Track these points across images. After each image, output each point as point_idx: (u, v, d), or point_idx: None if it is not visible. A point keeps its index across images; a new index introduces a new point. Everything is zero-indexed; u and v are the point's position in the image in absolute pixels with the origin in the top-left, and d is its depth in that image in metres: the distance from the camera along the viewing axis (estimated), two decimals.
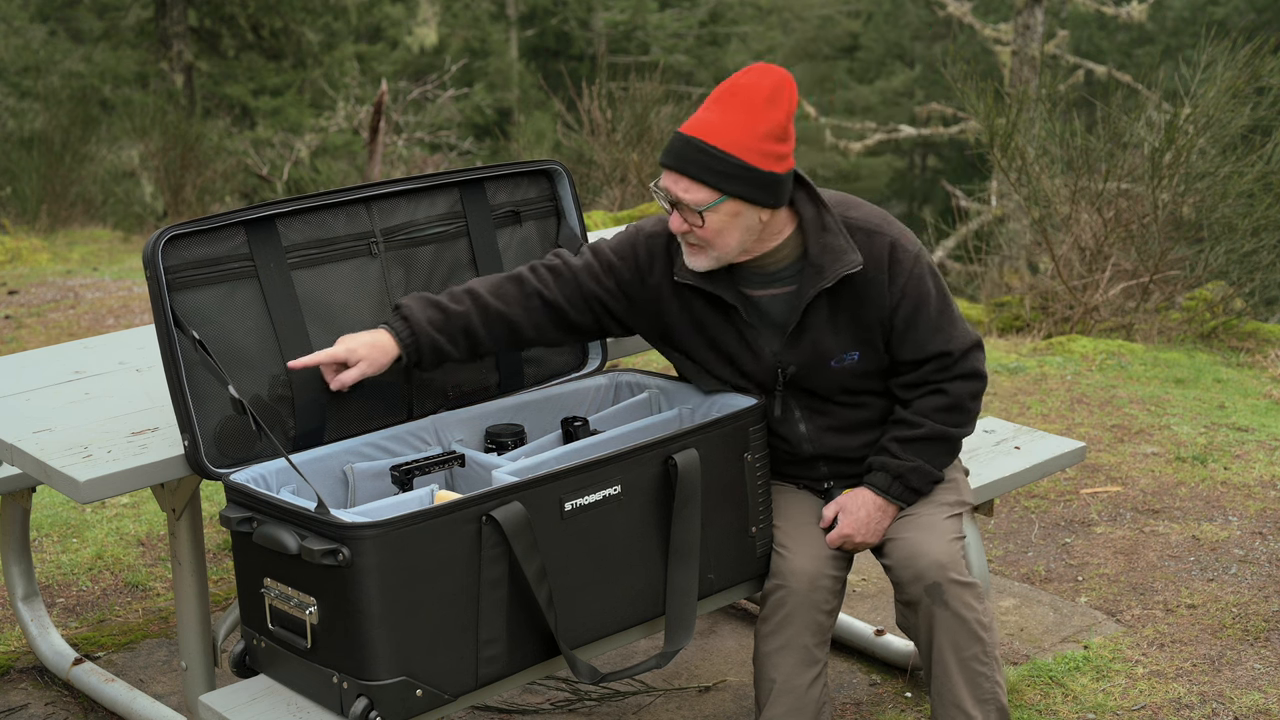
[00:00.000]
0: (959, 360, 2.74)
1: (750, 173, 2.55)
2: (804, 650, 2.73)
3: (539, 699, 3.29)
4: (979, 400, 2.80)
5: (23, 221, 11.50)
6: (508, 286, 2.75)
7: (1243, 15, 21.96)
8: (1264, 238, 6.86)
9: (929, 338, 2.71)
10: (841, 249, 2.65)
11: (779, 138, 2.56)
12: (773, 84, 2.56)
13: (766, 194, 2.58)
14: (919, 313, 2.70)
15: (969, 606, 2.69)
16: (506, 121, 22.14)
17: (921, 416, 2.75)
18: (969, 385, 2.76)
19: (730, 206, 2.58)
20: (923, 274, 2.70)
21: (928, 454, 2.77)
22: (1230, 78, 6.84)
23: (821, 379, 2.75)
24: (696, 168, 2.56)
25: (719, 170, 2.55)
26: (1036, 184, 7.26)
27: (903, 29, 27.69)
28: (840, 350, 2.73)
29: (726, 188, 2.55)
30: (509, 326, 2.75)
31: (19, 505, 3.41)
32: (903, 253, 2.69)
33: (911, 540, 2.74)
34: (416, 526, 2.29)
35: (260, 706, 2.43)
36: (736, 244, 2.63)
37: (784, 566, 2.75)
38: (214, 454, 2.57)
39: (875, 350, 2.74)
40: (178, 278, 2.55)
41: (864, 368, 2.75)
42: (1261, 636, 3.53)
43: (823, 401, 2.79)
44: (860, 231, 2.69)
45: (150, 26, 18.37)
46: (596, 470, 2.50)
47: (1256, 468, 4.64)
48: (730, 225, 2.60)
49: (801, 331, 2.72)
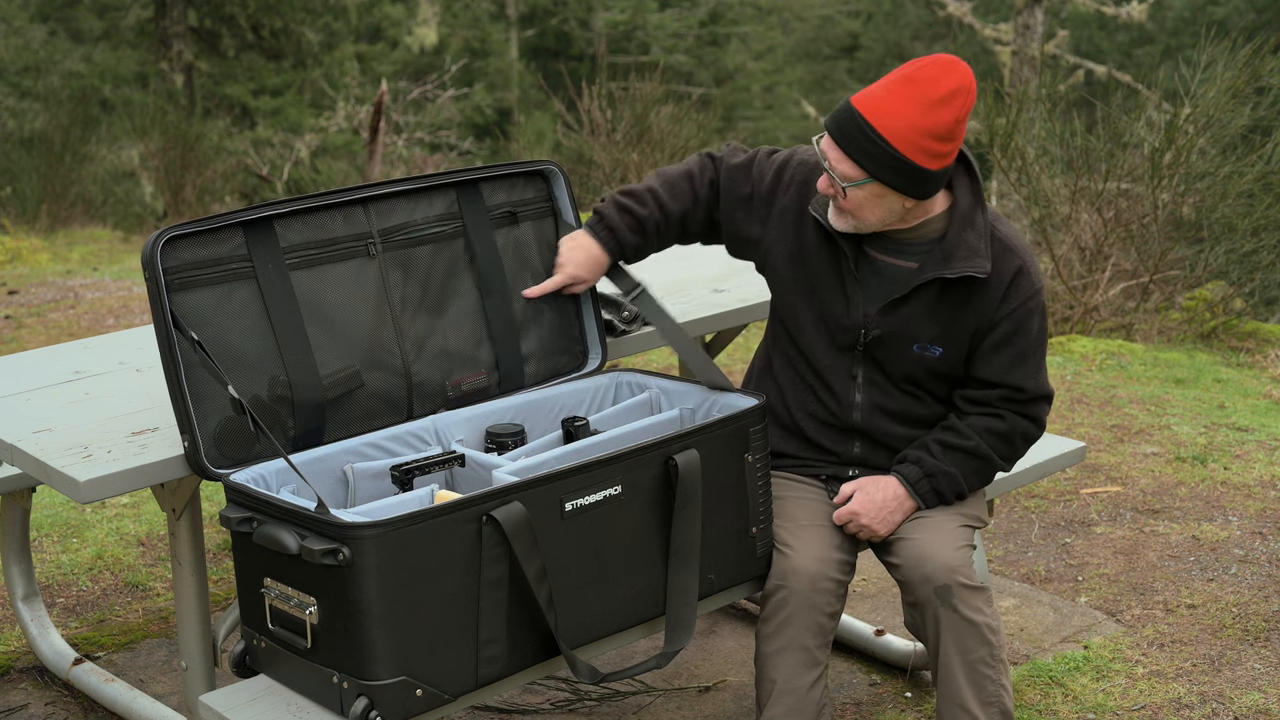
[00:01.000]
0: (1029, 401, 2.77)
1: (903, 164, 2.57)
2: (805, 651, 2.72)
3: (539, 699, 3.29)
4: (1029, 444, 2.82)
5: (23, 221, 11.50)
6: (682, 184, 2.92)
7: (1243, 15, 21.96)
8: (1264, 238, 6.86)
9: (1011, 367, 2.74)
10: (977, 249, 2.69)
11: (943, 137, 2.57)
12: (952, 86, 2.56)
13: (915, 186, 2.60)
14: (1012, 340, 2.73)
15: (978, 610, 2.70)
16: (506, 121, 22.15)
17: (974, 431, 2.78)
18: (1026, 425, 2.79)
19: (875, 188, 2.61)
20: (1034, 309, 2.74)
21: (965, 467, 2.79)
22: (1230, 78, 6.84)
23: (898, 357, 2.77)
24: (851, 144, 2.58)
25: (872, 154, 2.57)
26: (1036, 184, 7.26)
27: (903, 29, 27.69)
28: (928, 338, 2.75)
29: (875, 171, 2.58)
30: (682, 223, 2.94)
31: (19, 505, 3.41)
32: (1026, 280, 2.72)
33: (921, 541, 2.74)
34: (416, 526, 2.29)
35: (260, 706, 2.43)
36: (877, 220, 2.67)
37: (785, 566, 2.74)
38: (214, 454, 2.57)
39: (959, 355, 2.76)
40: (176, 278, 2.55)
41: (940, 367, 2.77)
42: (1261, 636, 3.53)
43: (886, 380, 2.81)
44: (998, 243, 2.72)
45: (150, 26, 18.37)
46: (597, 470, 2.50)
47: (1256, 468, 4.64)
48: (872, 203, 2.63)
49: (902, 304, 2.74)
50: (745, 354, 5.86)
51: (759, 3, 26.98)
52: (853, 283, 2.76)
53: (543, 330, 3.02)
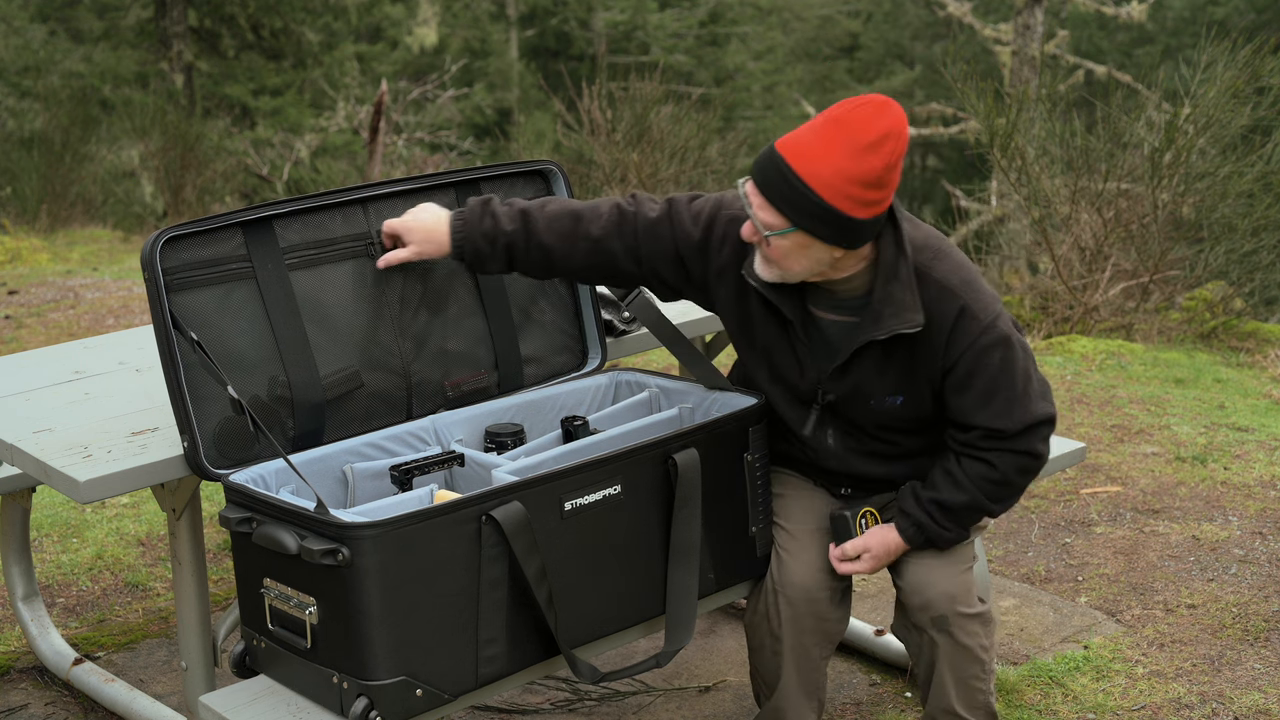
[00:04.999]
0: (1014, 438, 2.60)
1: (829, 213, 2.42)
2: (808, 651, 2.77)
3: (539, 699, 3.29)
4: (1030, 477, 2.67)
5: (23, 221, 11.50)
6: (564, 221, 2.71)
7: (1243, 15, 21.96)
8: (1264, 238, 6.86)
9: (979, 408, 2.58)
10: (905, 304, 2.53)
11: (872, 185, 2.41)
12: (883, 130, 2.39)
13: (843, 236, 2.45)
14: (972, 382, 2.57)
15: (973, 634, 2.70)
16: (506, 121, 22.15)
17: (969, 483, 2.64)
18: (1018, 461, 2.62)
19: (799, 238, 2.46)
20: (989, 346, 2.55)
21: (965, 520, 2.69)
22: (1230, 78, 6.84)
23: (860, 413, 2.68)
24: (775, 191, 2.44)
25: (796, 202, 2.42)
26: (1036, 184, 7.26)
27: (903, 29, 27.69)
28: (884, 393, 2.63)
29: (799, 221, 2.44)
30: (547, 258, 2.73)
31: (19, 505, 3.41)
32: (970, 321, 2.54)
33: (924, 567, 2.72)
34: (416, 526, 2.29)
35: (260, 706, 2.43)
36: (803, 270, 2.53)
37: (783, 576, 2.74)
38: (213, 455, 2.57)
39: (922, 399, 2.64)
40: (176, 279, 2.55)
41: (907, 413, 2.66)
42: (1261, 636, 3.53)
43: (858, 429, 2.72)
44: (935, 287, 2.55)
45: (150, 26, 18.37)
46: (596, 470, 2.50)
47: (1256, 468, 4.64)
48: (797, 254, 2.49)
49: (848, 368, 2.63)
50: None
51: (759, 3, 26.97)
52: (802, 348, 2.65)
53: (542, 330, 3.02)
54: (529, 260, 2.74)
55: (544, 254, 2.72)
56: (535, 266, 2.75)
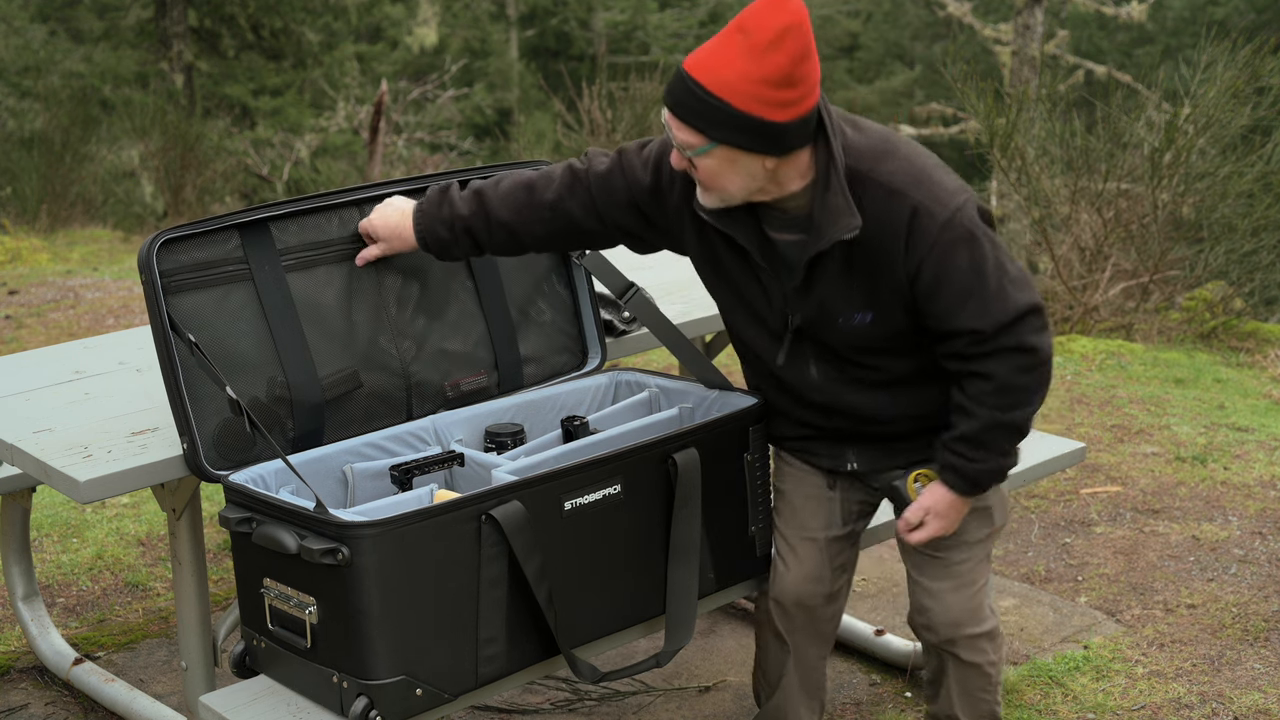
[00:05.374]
0: (996, 335, 2.43)
1: (743, 121, 2.31)
2: (805, 654, 2.79)
3: (539, 699, 3.29)
4: (1034, 374, 2.47)
5: (23, 221, 11.49)
6: (519, 194, 2.67)
7: (1243, 15, 21.95)
8: (1264, 238, 6.86)
9: (954, 312, 2.43)
10: (839, 210, 2.40)
11: (781, 84, 2.29)
12: (780, 26, 2.27)
13: (766, 143, 2.34)
14: (941, 284, 2.42)
15: (981, 652, 2.72)
16: (506, 121, 22.14)
17: (975, 404, 2.49)
18: (1012, 361, 2.44)
19: (722, 153, 2.36)
20: (951, 245, 2.40)
21: (994, 445, 2.51)
22: (1230, 78, 6.84)
23: (831, 334, 2.54)
24: (686, 110, 2.34)
25: (707, 116, 2.32)
26: (1036, 184, 7.26)
27: (903, 29, 27.69)
28: (850, 310, 2.50)
29: (714, 134, 2.34)
30: (510, 235, 2.69)
31: (19, 505, 3.41)
32: (926, 219, 2.39)
33: (935, 591, 2.70)
34: (416, 525, 2.29)
35: (260, 706, 2.43)
36: (739, 189, 2.42)
37: (782, 586, 2.74)
38: (213, 456, 2.57)
39: (892, 314, 2.49)
40: (173, 281, 2.55)
41: (880, 331, 2.51)
42: (1261, 636, 3.53)
43: (835, 355, 2.58)
44: (881, 190, 2.41)
45: (150, 26, 18.38)
46: (596, 469, 2.50)
47: (1256, 468, 4.64)
48: (726, 171, 2.39)
49: (809, 286, 2.50)
50: None
51: None
52: (765, 274, 2.54)
53: (542, 330, 3.02)
54: (493, 240, 2.70)
55: (506, 231, 2.68)
56: (502, 246, 2.72)
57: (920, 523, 2.60)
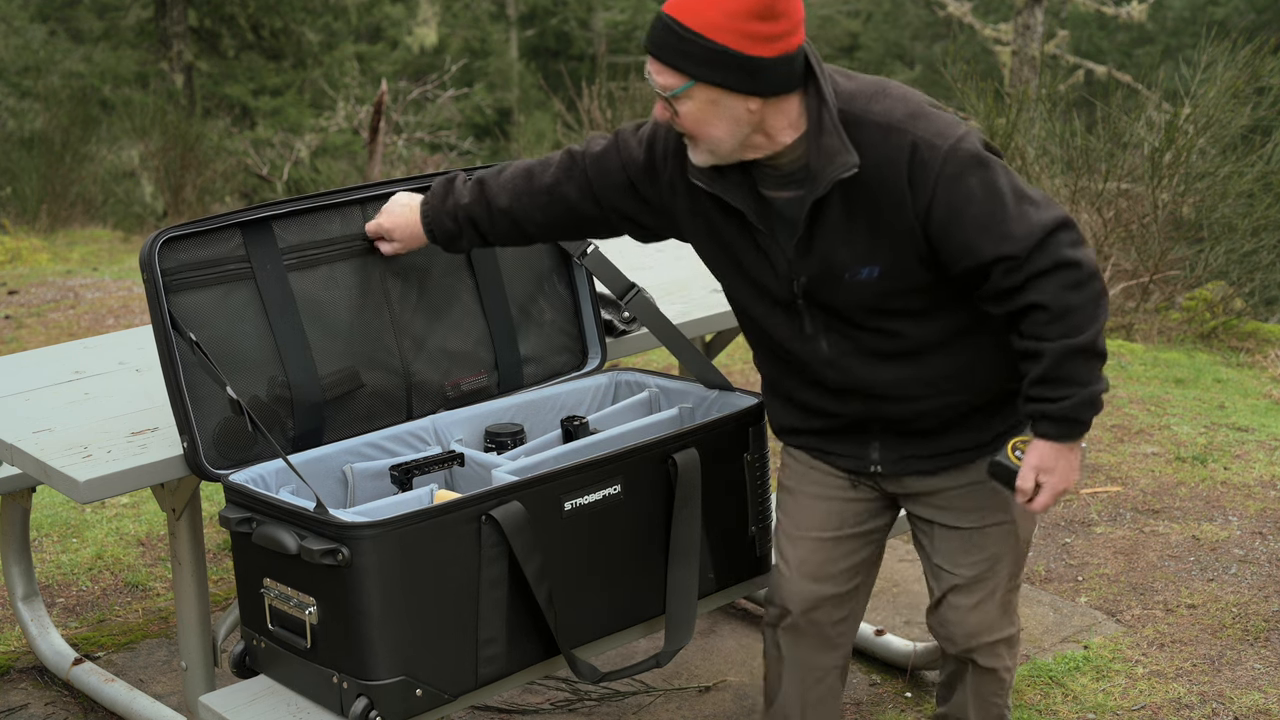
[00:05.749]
0: (1030, 258, 2.27)
1: (721, 55, 2.22)
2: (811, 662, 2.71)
3: (539, 699, 3.29)
4: (1086, 289, 2.29)
5: (23, 221, 11.49)
6: (519, 180, 2.64)
7: (1243, 15, 21.96)
8: (1264, 238, 6.86)
9: (978, 245, 2.29)
10: (834, 150, 2.30)
11: (762, 15, 2.21)
12: None
13: (745, 79, 2.24)
14: (957, 217, 2.28)
15: (998, 657, 2.68)
16: (506, 121, 22.15)
17: (1037, 340, 2.31)
18: (1058, 280, 2.28)
19: (703, 93, 2.27)
20: (960, 172, 2.28)
21: (1072, 375, 2.32)
22: (1230, 78, 6.84)
23: (838, 294, 2.41)
24: (665, 49, 2.27)
25: (685, 52, 2.24)
26: (1037, 184, 7.26)
27: (903, 29, 27.69)
28: (855, 263, 2.36)
29: (693, 71, 2.25)
30: (511, 222, 2.66)
31: (19, 505, 3.41)
32: (928, 151, 2.28)
33: (956, 605, 2.63)
34: (416, 526, 2.29)
35: (260, 707, 2.43)
36: (727, 136, 2.31)
37: (783, 590, 2.67)
38: (213, 456, 2.57)
39: (903, 266, 2.35)
40: (174, 280, 2.55)
41: (888, 286, 2.37)
42: (1261, 636, 3.53)
43: (845, 322, 2.44)
44: (878, 128, 2.31)
45: (150, 26, 18.38)
46: (596, 469, 2.50)
47: (1256, 468, 4.64)
48: (709, 115, 2.29)
49: (810, 240, 2.38)
50: (745, 353, 5.86)
51: None
52: (764, 238, 2.43)
53: (542, 330, 3.02)
54: (496, 229, 2.68)
55: (507, 219, 2.66)
56: (505, 234, 2.69)
57: (1037, 487, 2.40)
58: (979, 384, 2.47)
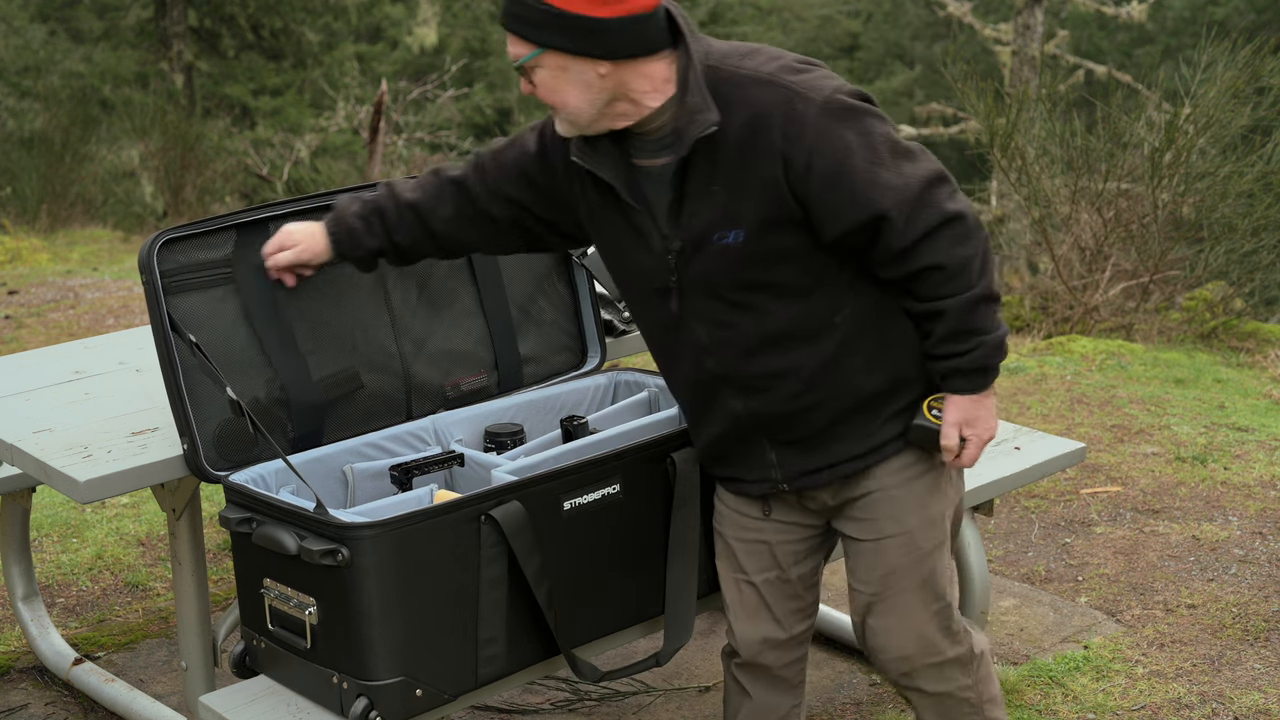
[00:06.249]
0: (913, 215, 2.24)
1: (561, 18, 2.20)
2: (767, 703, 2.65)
3: (539, 699, 3.29)
4: (975, 238, 2.28)
5: (23, 221, 11.50)
6: (427, 177, 2.59)
7: (1243, 15, 21.96)
8: (1264, 238, 6.86)
9: (860, 196, 2.24)
10: (696, 108, 2.25)
11: None
12: None
13: (588, 42, 2.22)
14: (838, 169, 2.23)
15: (947, 680, 2.52)
16: (506, 121, 22.14)
17: (936, 300, 2.30)
18: (948, 235, 2.26)
19: (551, 59, 2.26)
20: (834, 124, 2.23)
21: (977, 325, 2.31)
22: (1230, 78, 6.84)
23: (708, 263, 2.32)
24: (512, 19, 2.27)
25: (529, 19, 2.23)
26: (1036, 184, 7.26)
27: (903, 29, 27.69)
28: (722, 225, 2.30)
29: (537, 37, 2.24)
30: (416, 216, 2.56)
31: (19, 505, 3.41)
32: (802, 104, 2.22)
33: (873, 629, 2.51)
34: (415, 526, 2.29)
35: (260, 707, 2.43)
36: (584, 104, 2.27)
37: (731, 627, 2.61)
38: (213, 457, 2.57)
39: (769, 227, 2.28)
40: (174, 282, 2.55)
41: (753, 249, 2.30)
42: (1261, 636, 3.53)
43: (716, 300, 2.35)
44: (749, 80, 2.26)
45: (150, 26, 18.39)
46: (595, 469, 2.50)
47: (1256, 468, 4.64)
48: (561, 82, 2.27)
49: (679, 205, 2.32)
50: None
51: (759, 3, 26.98)
52: (638, 215, 2.37)
53: (542, 330, 3.02)
54: (401, 222, 2.56)
55: (413, 212, 2.56)
56: (409, 230, 2.57)
57: (963, 443, 2.38)
58: (853, 382, 2.39)
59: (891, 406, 2.42)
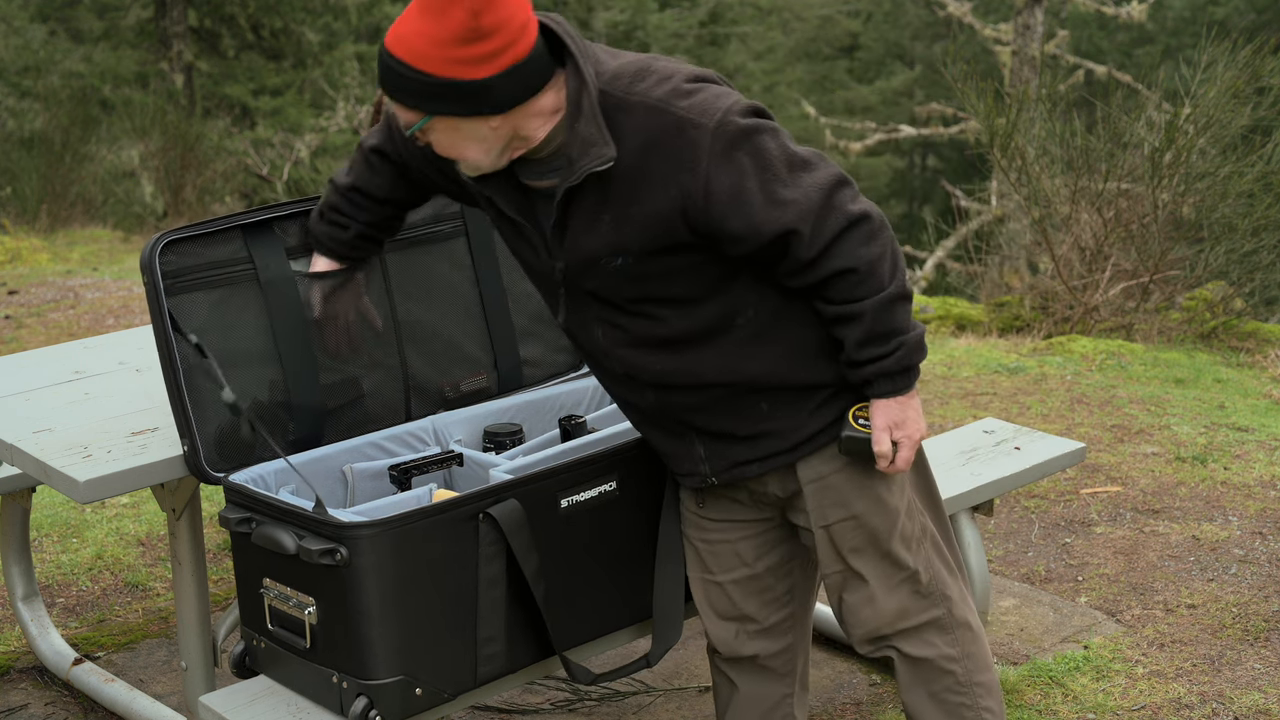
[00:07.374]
0: (819, 223, 2.23)
1: (443, 86, 2.17)
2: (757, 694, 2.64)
3: (539, 699, 3.29)
4: (881, 237, 2.26)
5: (23, 221, 11.50)
6: (355, 155, 2.62)
7: (1243, 15, 21.97)
8: (1264, 238, 6.86)
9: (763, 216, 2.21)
10: (591, 139, 2.21)
11: (466, 40, 2.14)
12: None
13: (474, 103, 2.19)
14: (737, 193, 2.21)
15: (928, 645, 2.50)
16: None
17: (850, 304, 2.28)
18: (854, 237, 2.25)
19: (441, 123, 2.23)
20: (728, 148, 2.20)
21: (894, 325, 2.29)
22: (1230, 78, 6.84)
23: (597, 281, 2.32)
24: (395, 88, 2.22)
25: (411, 89, 2.20)
26: (1036, 184, 7.26)
27: (903, 29, 27.70)
28: (609, 252, 2.28)
29: (426, 106, 2.21)
30: (360, 193, 2.60)
31: (19, 505, 3.41)
32: (694, 131, 2.19)
33: (848, 605, 2.51)
34: (414, 525, 2.29)
35: (260, 707, 2.43)
36: (481, 154, 2.27)
37: (708, 629, 2.59)
38: (214, 458, 2.57)
39: (658, 252, 2.27)
40: (175, 283, 2.55)
41: (642, 271, 2.28)
42: (1261, 636, 3.53)
43: (611, 308, 2.35)
44: (640, 111, 2.22)
45: (150, 26, 18.38)
46: (591, 466, 2.50)
47: (1256, 468, 4.64)
48: (456, 141, 2.25)
49: (564, 229, 2.30)
50: None
51: (759, 3, 26.98)
52: (529, 231, 2.35)
53: (541, 331, 3.03)
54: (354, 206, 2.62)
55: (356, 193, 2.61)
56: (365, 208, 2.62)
57: (895, 446, 2.36)
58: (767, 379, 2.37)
59: (817, 398, 2.39)
